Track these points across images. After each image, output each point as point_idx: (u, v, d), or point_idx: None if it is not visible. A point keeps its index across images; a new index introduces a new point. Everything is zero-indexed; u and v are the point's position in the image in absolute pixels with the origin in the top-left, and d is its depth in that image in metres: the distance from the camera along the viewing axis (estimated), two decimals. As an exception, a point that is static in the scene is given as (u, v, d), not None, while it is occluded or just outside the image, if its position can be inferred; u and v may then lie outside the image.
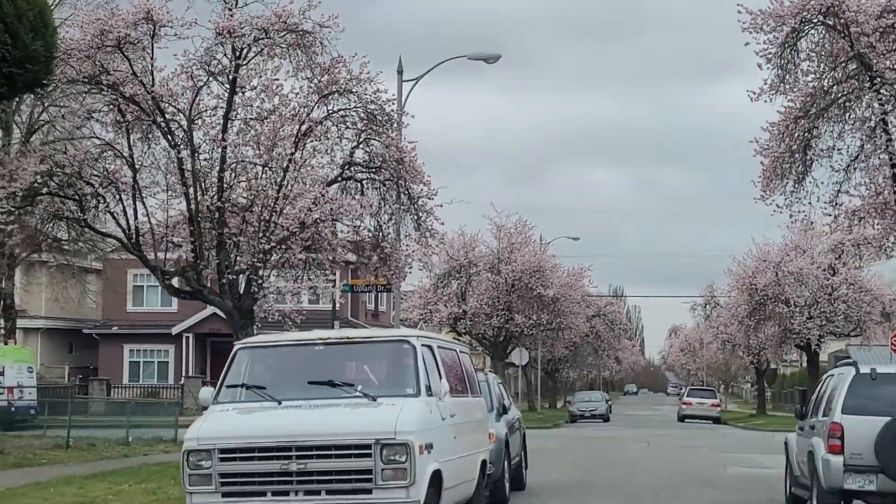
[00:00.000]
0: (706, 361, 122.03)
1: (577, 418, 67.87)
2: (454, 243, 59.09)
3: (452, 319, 58.24)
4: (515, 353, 58.98)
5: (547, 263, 58.57)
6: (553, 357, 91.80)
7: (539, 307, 58.52)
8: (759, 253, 57.28)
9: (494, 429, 18.96)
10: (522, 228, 59.69)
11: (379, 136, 25.18)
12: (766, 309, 56.42)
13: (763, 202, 23.55)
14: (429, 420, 12.61)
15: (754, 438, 43.10)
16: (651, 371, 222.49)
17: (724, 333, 74.99)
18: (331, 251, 25.19)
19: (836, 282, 54.23)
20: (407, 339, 13.22)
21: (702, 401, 71.64)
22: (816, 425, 16.95)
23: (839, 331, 55.78)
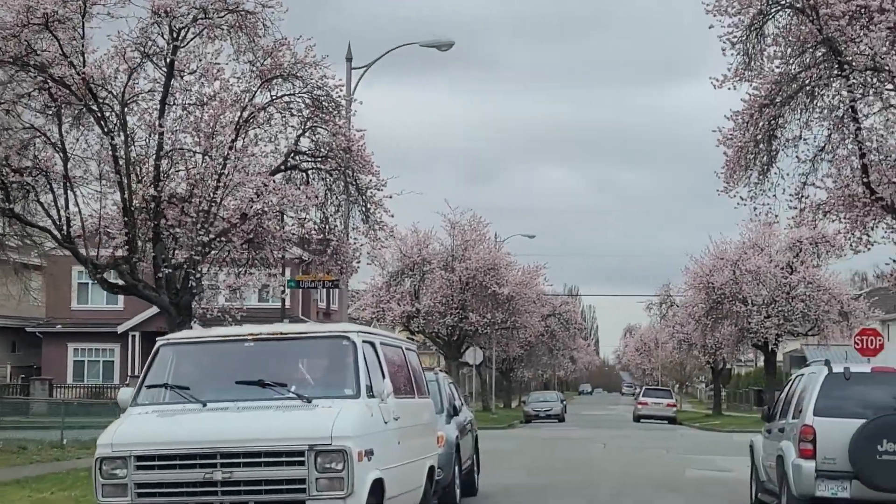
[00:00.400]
0: (661, 361, 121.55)
1: (532, 418, 66.94)
2: (407, 240, 58.01)
3: (405, 318, 57.07)
4: (470, 352, 57.88)
5: (502, 261, 57.53)
6: (508, 356, 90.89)
7: (494, 306, 57.47)
8: (716, 251, 56.53)
9: (444, 431, 17.86)
10: (477, 225, 58.63)
11: (326, 123, 24.02)
12: (724, 308, 55.64)
13: (726, 194, 22.54)
14: (369, 424, 11.48)
15: (712, 439, 42.26)
16: (606, 371, 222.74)
17: (680, 333, 74.32)
18: (275, 245, 23.98)
19: (794, 280, 53.53)
20: (346, 334, 12.07)
21: (658, 401, 70.93)
22: (786, 428, 15.95)
23: (797, 330, 55.11)
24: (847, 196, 21.66)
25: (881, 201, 20.84)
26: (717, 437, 43.56)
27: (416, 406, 13.97)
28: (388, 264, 58.38)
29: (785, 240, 55.77)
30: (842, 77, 20.57)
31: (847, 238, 23.21)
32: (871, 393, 15.15)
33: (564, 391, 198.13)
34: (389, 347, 13.25)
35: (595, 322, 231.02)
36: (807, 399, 15.28)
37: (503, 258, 58.15)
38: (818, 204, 23.06)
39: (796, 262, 54.03)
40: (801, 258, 54.29)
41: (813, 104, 21.35)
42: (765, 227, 55.82)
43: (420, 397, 14.35)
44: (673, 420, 69.85)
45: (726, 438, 42.37)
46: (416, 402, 13.94)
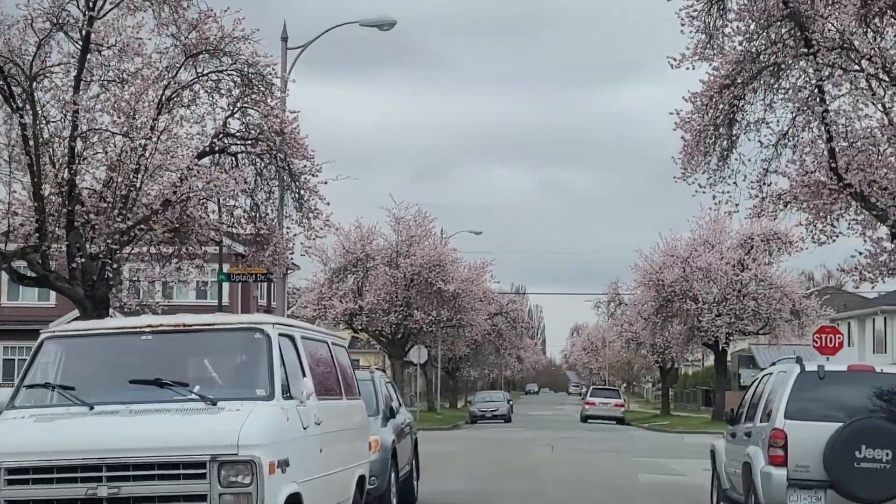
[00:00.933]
0: (609, 360, 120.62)
1: (478, 419, 65.54)
2: (350, 235, 56.39)
3: (348, 316, 55.41)
4: (414, 350, 56.25)
5: (447, 257, 55.98)
6: (454, 356, 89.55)
7: (439, 303, 55.91)
8: (666, 248, 55.35)
9: (379, 435, 16.31)
10: (422, 221, 57.06)
11: (257, 104, 22.36)
12: (674, 306, 54.48)
13: (684, 181, 21.16)
14: (284, 429, 9.89)
15: (662, 441, 40.99)
16: (553, 370, 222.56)
17: (628, 332, 73.22)
18: (202, 234, 22.30)
19: (745, 278, 52.44)
20: (259, 326, 10.44)
21: (605, 401, 69.77)
22: (753, 432, 14.52)
23: (748, 329, 54.00)
24: (813, 183, 20.34)
25: (849, 188, 19.53)
26: (668, 439, 42.30)
27: (344, 408, 12.41)
28: (330, 260, 56.84)
29: (736, 237, 54.74)
30: (808, 55, 19.26)
31: (809, 230, 21.89)
32: (848, 393, 13.76)
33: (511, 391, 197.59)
34: (312, 342, 11.67)
35: (542, 322, 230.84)
36: (777, 400, 13.87)
37: (449, 254, 56.63)
38: (779, 194, 21.77)
39: (748, 260, 52.98)
40: (752, 255, 53.25)
41: (777, 84, 20.02)
42: (715, 224, 54.85)
43: (349, 398, 12.78)
44: (621, 420, 68.73)
45: (677, 440, 41.16)
46: (343, 404, 12.37)
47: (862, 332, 63.73)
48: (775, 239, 53.99)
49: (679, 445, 36.99)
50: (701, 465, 28.26)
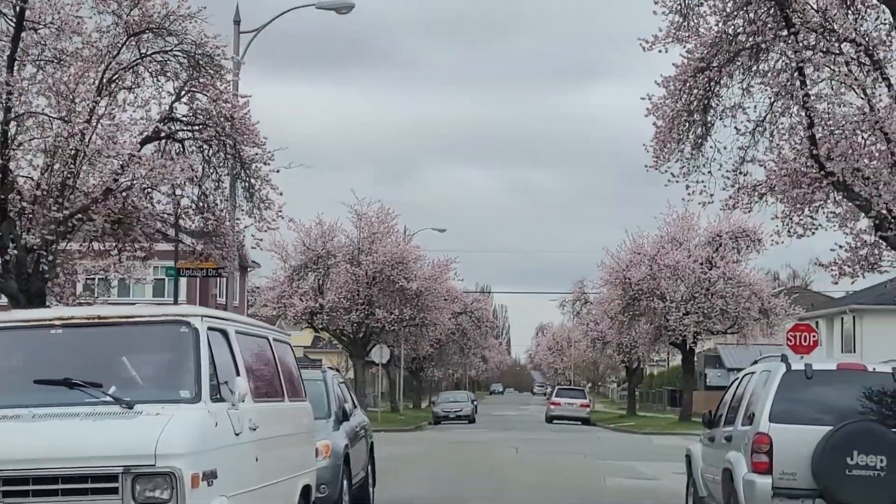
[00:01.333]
0: (574, 360, 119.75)
1: (442, 419, 64.44)
2: (311, 232, 55.12)
3: (309, 314, 54.09)
4: (376, 350, 54.95)
5: (410, 255, 54.72)
6: (418, 355, 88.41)
7: (401, 301, 54.68)
8: (633, 245, 54.34)
9: (330, 440, 15.15)
10: (385, 217, 55.77)
11: (205, 88, 21.08)
12: (640, 304, 53.51)
13: (656, 170, 20.06)
14: (212, 436, 8.68)
15: (629, 442, 39.94)
16: (517, 370, 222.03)
17: (594, 331, 72.32)
18: (146, 225, 21.02)
19: (713, 276, 51.51)
20: (185, 319, 9.20)
21: (571, 401, 68.83)
22: (734, 436, 13.42)
23: (716, 328, 53.04)
24: (791, 172, 19.28)
25: (831, 177, 18.47)
26: (635, 440, 41.25)
27: (287, 411, 11.21)
28: (290, 257, 55.53)
29: (704, 234, 53.85)
30: (789, 36, 18.19)
31: (785, 223, 20.86)
32: (838, 394, 12.67)
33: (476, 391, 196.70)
34: (249, 338, 10.45)
35: (507, 322, 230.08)
36: (760, 402, 12.78)
37: (412, 252, 55.39)
38: (754, 185, 20.72)
39: (716, 257, 52.06)
40: (720, 253, 52.34)
41: (755, 67, 18.93)
42: (683, 221, 53.93)
43: (293, 400, 11.57)
44: (587, 421, 67.81)
45: (645, 441, 40.13)
46: (286, 407, 11.17)
47: (830, 332, 63.02)
48: (744, 236, 53.15)
49: (647, 447, 35.98)
50: (671, 468, 27.24)
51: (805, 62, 18.25)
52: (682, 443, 39.81)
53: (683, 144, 19.95)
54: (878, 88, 18.82)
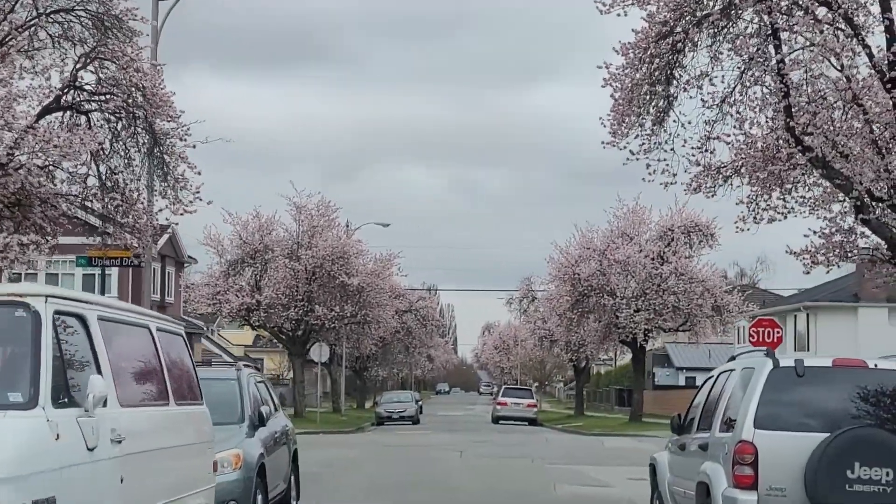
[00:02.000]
0: (520, 359, 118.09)
1: (385, 420, 62.37)
2: (248, 226, 52.91)
3: (245, 311, 51.82)
4: (315, 348, 52.73)
5: (352, 249, 52.58)
6: (361, 354, 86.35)
7: (342, 298, 52.52)
8: (582, 240, 52.52)
9: (241, 449, 13.09)
10: (326, 210, 53.63)
11: (114, 55, 18.89)
12: (590, 301, 51.74)
13: (614, 146, 18.16)
14: (51, 453, 6.61)
15: (579, 444, 38.07)
16: (464, 370, 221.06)
17: (541, 329, 70.58)
18: (47, 207, 18.82)
19: (664, 272, 49.78)
20: (22, 298, 7.10)
21: (518, 401, 67.02)
22: (711, 444, 11.49)
23: (668, 325, 51.31)
24: (764, 148, 17.42)
25: (809, 153, 16.61)
26: (585, 442, 39.39)
27: (175, 418, 9.15)
28: (226, 252, 53.25)
29: (656, 228, 52.15)
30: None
31: (752, 208, 19.06)
32: (834, 396, 10.78)
33: (422, 390, 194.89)
34: (121, 326, 8.36)
35: (454, 321, 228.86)
36: (743, 405, 10.87)
37: (354, 246, 53.23)
38: (718, 167, 18.90)
39: (668, 252, 50.36)
40: (672, 248, 50.66)
41: (725, 32, 17.06)
42: (634, 215, 52.25)
43: (184, 403, 9.51)
44: (534, 421, 66.05)
45: (595, 444, 38.29)
46: (173, 413, 9.11)
47: (783, 330, 61.60)
48: (696, 231, 51.55)
49: (598, 450, 34.16)
50: (625, 473, 25.38)
51: (779, 26, 16.39)
52: (634, 445, 38.10)
53: (644, 118, 18.08)
54: (857, 58, 17.01)
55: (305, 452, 32.61)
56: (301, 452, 31.20)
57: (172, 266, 61.61)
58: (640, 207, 52.30)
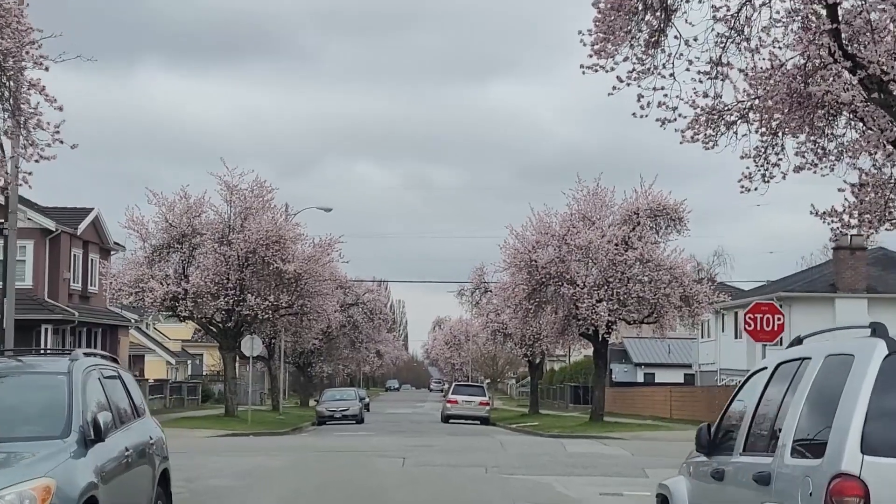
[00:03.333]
0: (472, 355, 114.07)
1: (327, 420, 58.05)
2: (175, 207, 48.38)
3: (170, 300, 47.25)
4: (245, 341, 48.13)
5: (288, 233, 48.12)
6: (305, 349, 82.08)
7: (278, 286, 48.11)
8: (539, 224, 48.26)
9: (55, 478, 8.70)
10: (261, 191, 49.17)
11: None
12: (548, 290, 47.60)
13: (596, 69, 13.92)
14: None
15: (538, 448, 33.84)
16: (414, 366, 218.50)
17: (494, 322, 66.46)
18: None
19: (629, 258, 45.66)
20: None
21: (469, 398, 62.92)
22: (778, 476, 7.25)
23: (633, 316, 47.22)
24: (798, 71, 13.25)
25: (861, 71, 12.45)
26: (545, 446, 35.12)
27: None
28: (151, 236, 48.68)
29: (619, 212, 48.02)
30: None
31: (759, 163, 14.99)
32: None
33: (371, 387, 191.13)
34: None
35: (404, 317, 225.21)
36: (838, 416, 6.65)
37: (291, 230, 48.77)
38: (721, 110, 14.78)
39: (633, 237, 46.25)
40: (637, 233, 46.55)
41: None
42: (596, 197, 48.17)
43: None
44: (486, 420, 62.00)
45: (556, 447, 34.06)
46: None
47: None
48: (663, 215, 47.50)
49: (560, 456, 29.95)
50: (595, 486, 21.24)
51: None
52: (600, 449, 33.85)
53: (636, 35, 13.88)
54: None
55: (224, 460, 28.22)
56: (218, 460, 26.77)
57: (97, 253, 56.81)
58: (602, 189, 48.24)
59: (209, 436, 39.83)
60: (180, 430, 40.73)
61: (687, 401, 55.26)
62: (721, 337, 63.91)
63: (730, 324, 61.55)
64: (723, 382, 61.06)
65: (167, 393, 65.41)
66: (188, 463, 23.84)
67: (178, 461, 16.51)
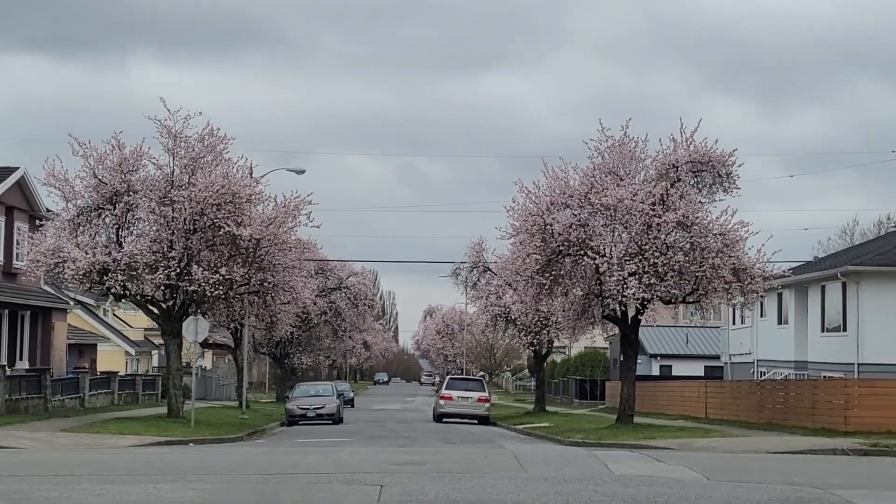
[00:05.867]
0: (466, 345, 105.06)
1: (298, 419, 49.28)
2: (106, 160, 39.28)
3: (97, 273, 38.16)
4: (189, 323, 38.80)
5: (243, 190, 38.94)
6: (283, 338, 73.48)
7: (232, 256, 39.04)
8: (554, 181, 39.08)
9: None
10: (213, 141, 40.05)
11: None
12: (565, 263, 38.59)
13: None
14: None
15: (569, 467, 24.67)
16: (405, 359, 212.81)
17: (495, 306, 57.56)
18: None
19: (668, 220, 36.58)
20: None
21: (466, 394, 54.18)
22: None
23: (675, 293, 38.00)
24: None
25: None
26: (577, 462, 25.62)
27: None
28: (77, 195, 39.58)
29: (654, 165, 38.90)
30: None
31: None
32: None
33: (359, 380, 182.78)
34: None
35: (395, 309, 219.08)
36: None
37: (247, 188, 39.51)
38: None
39: (674, 195, 37.21)
40: (679, 190, 37.51)
41: None
42: (623, 148, 39.09)
43: None
44: (485, 420, 53.34)
45: (593, 464, 24.81)
46: None
47: (802, 303, 48.87)
48: (709, 169, 38.43)
49: (607, 482, 20.73)
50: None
51: None
52: (657, 469, 22.81)
53: None
54: None
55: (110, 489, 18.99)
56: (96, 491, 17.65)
57: (24, 221, 47.85)
58: (631, 139, 39.10)
59: (133, 444, 30.79)
60: (99, 437, 31.73)
61: (727, 398, 46.20)
62: (759, 323, 54.91)
63: (771, 307, 52.52)
64: (766, 376, 52.01)
65: (115, 388, 56.26)
66: (49, 495, 14.93)
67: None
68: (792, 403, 38.51)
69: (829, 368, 44.67)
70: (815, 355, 46.69)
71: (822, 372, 45.49)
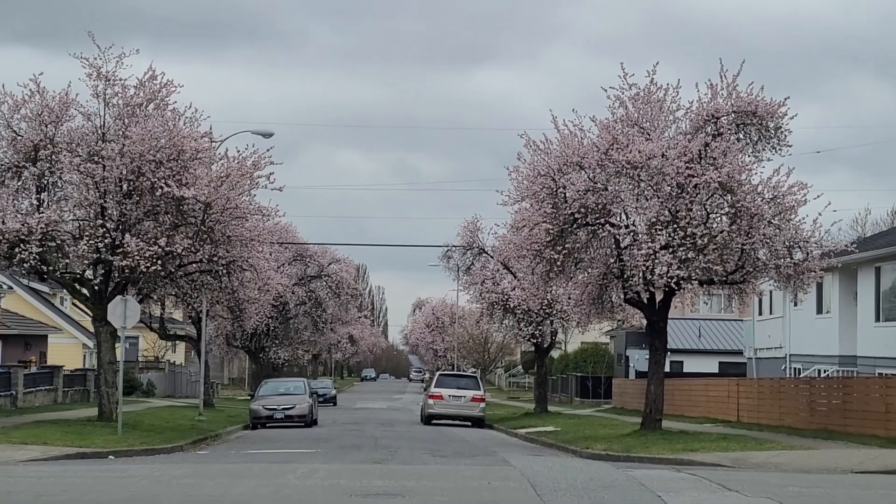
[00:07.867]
0: (457, 339, 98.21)
1: (264, 422, 42.64)
2: (24, 108, 32.36)
3: (7, 246, 31.23)
4: (115, 304, 31.34)
5: (189, 144, 31.86)
6: (257, 331, 66.83)
7: (175, 224, 32.08)
8: (567, 137, 32.10)
9: None
10: (154, 87, 33.07)
11: None
12: (580, 235, 31.77)
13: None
14: None
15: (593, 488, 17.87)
16: (394, 355, 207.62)
17: (492, 292, 50.74)
18: None
19: (710, 180, 29.70)
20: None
21: (459, 393, 47.54)
22: None
23: (717, 269, 30.86)
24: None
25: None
26: (615, 491, 18.78)
27: None
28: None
29: (689, 117, 31.96)
30: None
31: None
32: None
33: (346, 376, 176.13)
34: None
35: (384, 304, 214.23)
36: None
37: (194, 141, 32.35)
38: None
39: (716, 151, 30.35)
40: (721, 145, 30.63)
41: None
42: (649, 97, 32.16)
43: None
44: (480, 422, 46.81)
45: (637, 493, 17.93)
46: None
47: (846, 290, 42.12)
48: (755, 122, 31.45)
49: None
50: None
51: None
52: (725, 501, 16.64)
53: None
54: None
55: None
56: None
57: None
58: (660, 87, 32.15)
59: (33, 458, 23.93)
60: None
61: (765, 398, 39.43)
62: (791, 313, 48.07)
63: (809, 296, 45.56)
64: (806, 373, 45.18)
65: (59, 384, 49.33)
66: None
67: None
68: (854, 406, 31.77)
69: (887, 364, 37.89)
70: (867, 349, 39.87)
71: (876, 368, 38.77)
